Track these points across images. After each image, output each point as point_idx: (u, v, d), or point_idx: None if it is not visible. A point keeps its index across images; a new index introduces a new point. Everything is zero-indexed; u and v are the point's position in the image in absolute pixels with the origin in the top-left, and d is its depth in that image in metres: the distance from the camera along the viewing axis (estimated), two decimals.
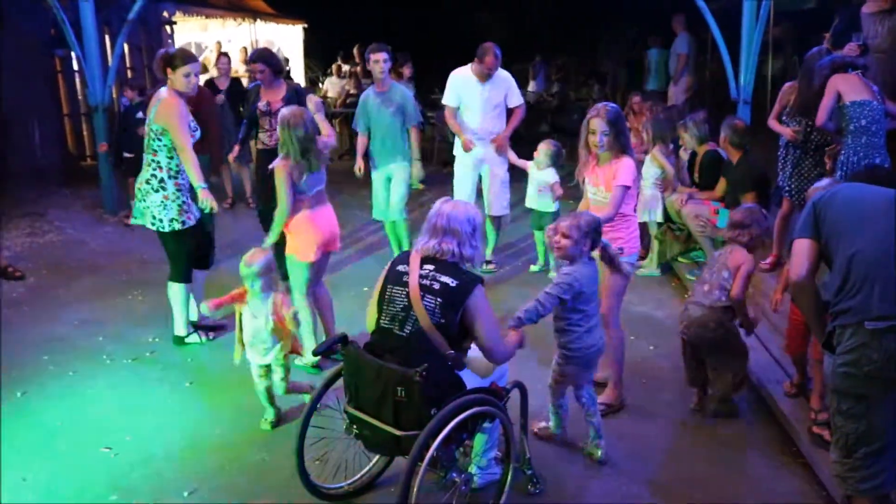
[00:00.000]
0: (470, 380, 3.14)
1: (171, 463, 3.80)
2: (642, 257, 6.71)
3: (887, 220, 2.69)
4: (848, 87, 4.91)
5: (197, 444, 3.96)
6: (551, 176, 6.35)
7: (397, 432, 2.96)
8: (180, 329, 5.16)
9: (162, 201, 4.83)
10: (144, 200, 4.87)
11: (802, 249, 2.88)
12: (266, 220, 6.41)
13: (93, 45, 8.16)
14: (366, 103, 6.32)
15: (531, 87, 14.57)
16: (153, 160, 4.84)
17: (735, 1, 7.48)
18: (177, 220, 4.87)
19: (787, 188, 5.55)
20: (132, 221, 5.14)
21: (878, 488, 2.76)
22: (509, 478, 3.29)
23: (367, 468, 3.54)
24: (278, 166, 4.46)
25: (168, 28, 12.00)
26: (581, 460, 3.78)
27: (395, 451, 3.13)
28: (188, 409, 4.34)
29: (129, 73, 11.25)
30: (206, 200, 4.82)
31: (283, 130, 4.43)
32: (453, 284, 3.00)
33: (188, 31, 13.98)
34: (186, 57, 4.91)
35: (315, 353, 3.29)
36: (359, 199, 8.50)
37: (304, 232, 4.58)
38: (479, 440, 3.33)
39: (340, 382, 3.26)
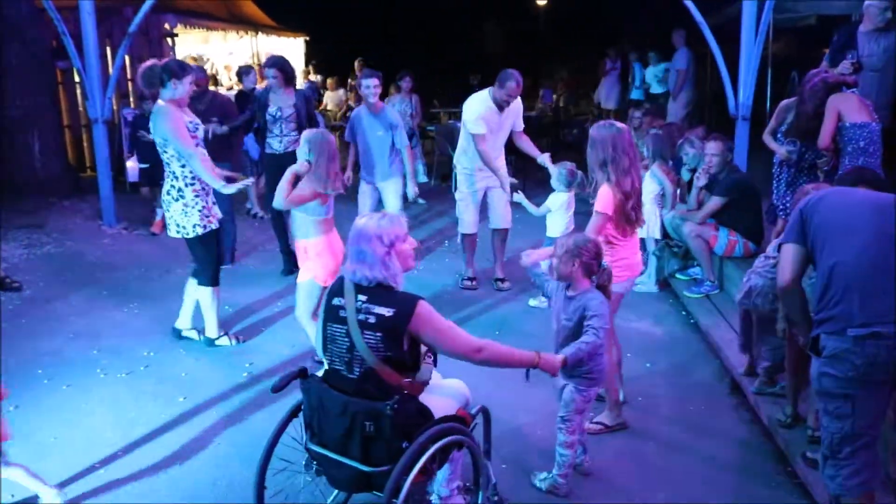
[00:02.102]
0: (436, 407, 2.99)
1: (162, 479, 3.77)
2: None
3: (869, 229, 2.77)
4: (848, 108, 4.91)
5: (189, 460, 3.93)
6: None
7: (367, 468, 2.81)
8: (212, 331, 5.33)
9: (182, 209, 4.99)
10: (168, 210, 5.04)
11: (789, 255, 2.95)
12: (278, 227, 6.67)
13: (93, 58, 8.16)
14: (359, 119, 6.56)
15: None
16: (170, 171, 5.00)
17: (734, 17, 7.50)
18: (199, 224, 5.02)
19: (781, 206, 5.55)
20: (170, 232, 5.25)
21: (864, 484, 2.84)
22: None
23: (328, 502, 3.39)
24: (308, 188, 4.53)
25: (169, 40, 12.01)
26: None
27: (364, 487, 2.95)
28: (181, 424, 4.31)
29: (130, 86, 11.27)
30: (231, 188, 5.04)
31: (312, 153, 4.53)
32: (389, 314, 2.81)
33: (189, 43, 14.00)
34: (184, 67, 5.09)
35: (274, 390, 3.01)
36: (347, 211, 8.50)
37: (325, 256, 4.64)
38: (442, 470, 3.15)
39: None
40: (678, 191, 6.45)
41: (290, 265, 6.69)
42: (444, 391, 3.19)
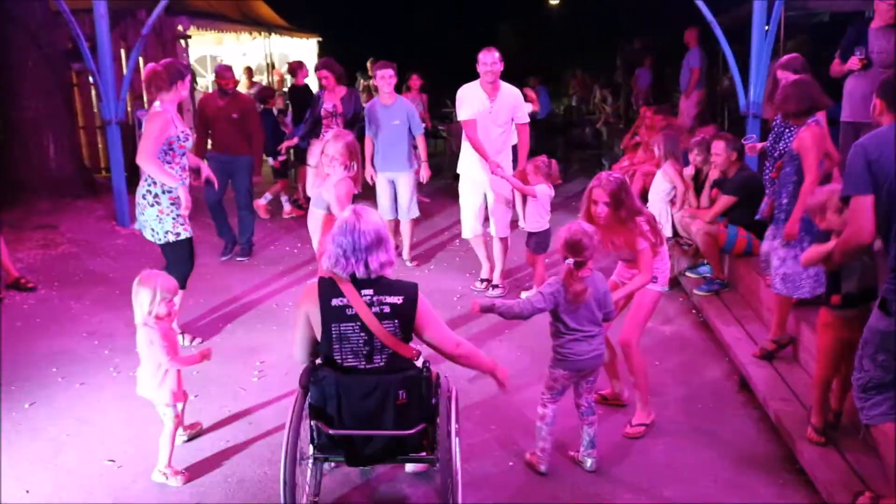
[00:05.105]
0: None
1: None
2: None
3: None
4: None
5: (199, 457, 3.97)
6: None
7: (405, 433, 3.06)
8: None
9: (157, 215, 4.99)
10: (143, 214, 5.03)
11: (865, 208, 2.83)
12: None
13: (107, 60, 8.25)
14: (374, 112, 6.92)
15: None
16: (148, 175, 4.97)
17: (747, 15, 7.48)
18: (171, 231, 5.05)
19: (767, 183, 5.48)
20: (136, 227, 5.33)
21: (885, 415, 3.01)
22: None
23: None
24: (345, 181, 4.72)
25: (183, 42, 12.09)
26: (576, 472, 3.77)
27: (392, 454, 3.21)
28: (191, 421, 4.35)
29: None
30: (182, 199, 4.98)
31: (347, 151, 4.72)
32: (400, 302, 3.03)
33: (203, 45, 14.09)
34: (179, 72, 5.06)
35: (302, 386, 3.11)
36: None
37: None
38: None
39: None
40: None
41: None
42: None
